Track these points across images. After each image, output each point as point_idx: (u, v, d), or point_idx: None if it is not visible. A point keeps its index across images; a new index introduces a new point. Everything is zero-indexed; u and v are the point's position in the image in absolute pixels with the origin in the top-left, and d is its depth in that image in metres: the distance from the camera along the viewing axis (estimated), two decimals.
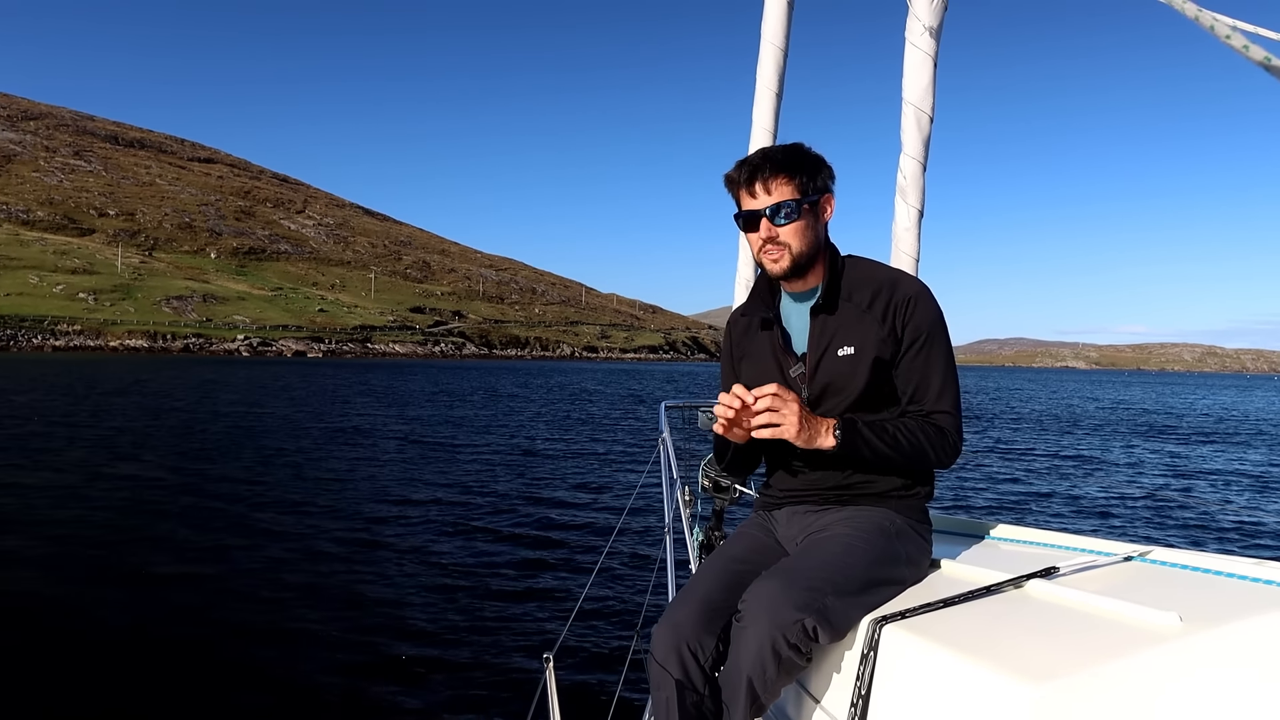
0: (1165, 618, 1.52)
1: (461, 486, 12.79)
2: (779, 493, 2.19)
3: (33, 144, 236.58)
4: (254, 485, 12.46)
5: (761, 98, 3.61)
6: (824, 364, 2.03)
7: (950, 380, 2.05)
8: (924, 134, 3.10)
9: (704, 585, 1.96)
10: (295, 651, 5.82)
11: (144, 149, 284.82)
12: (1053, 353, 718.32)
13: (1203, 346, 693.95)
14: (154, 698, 5.06)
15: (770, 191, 2.02)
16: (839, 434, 1.92)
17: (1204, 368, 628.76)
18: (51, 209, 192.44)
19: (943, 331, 2.05)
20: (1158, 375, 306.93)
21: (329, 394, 36.71)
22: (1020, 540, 2.32)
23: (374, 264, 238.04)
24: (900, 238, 3.15)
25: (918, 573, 1.99)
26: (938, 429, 2.01)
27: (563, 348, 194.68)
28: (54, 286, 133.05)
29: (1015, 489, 13.43)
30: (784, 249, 2.03)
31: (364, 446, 17.80)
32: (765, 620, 1.71)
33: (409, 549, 8.70)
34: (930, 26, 3.02)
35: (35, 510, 10.22)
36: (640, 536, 9.21)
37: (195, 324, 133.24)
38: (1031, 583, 1.80)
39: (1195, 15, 1.69)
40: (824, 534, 2.01)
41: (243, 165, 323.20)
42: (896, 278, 2.09)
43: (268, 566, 7.93)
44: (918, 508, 2.09)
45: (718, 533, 3.33)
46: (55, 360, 73.62)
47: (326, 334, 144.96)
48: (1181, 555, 1.98)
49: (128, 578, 7.42)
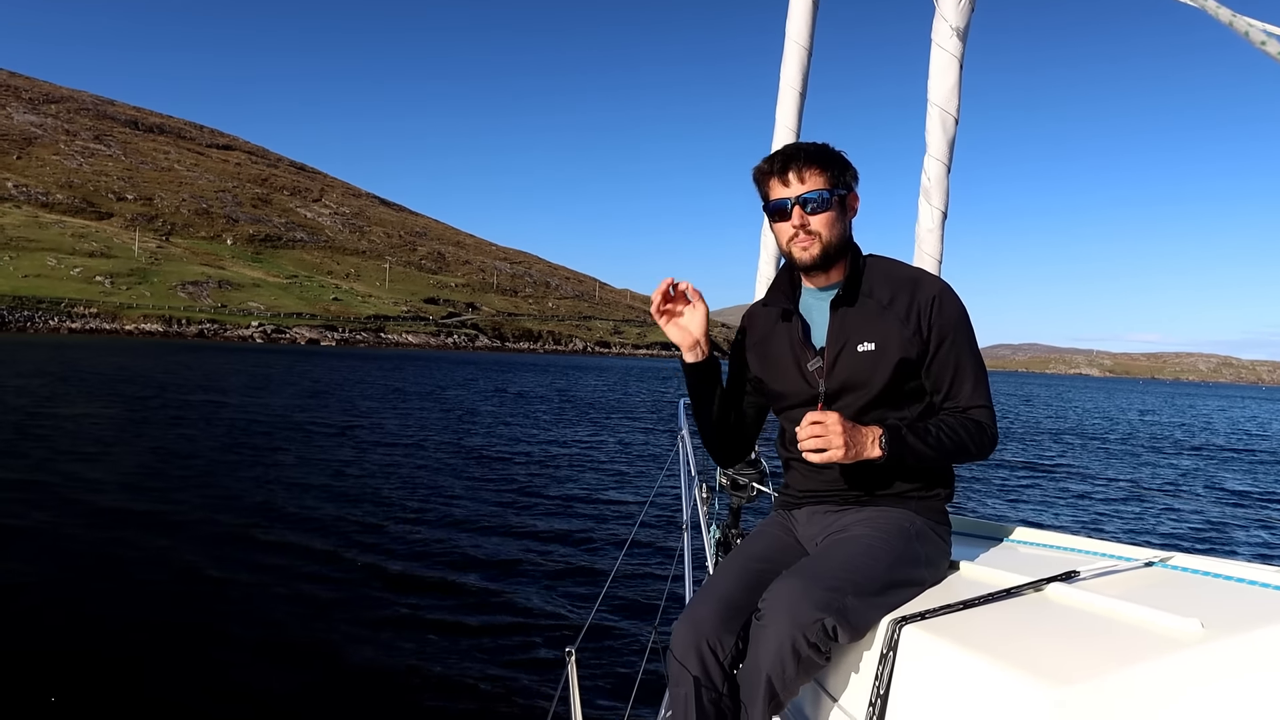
0: (1186, 624, 1.52)
1: (481, 482, 12.82)
2: (798, 492, 2.19)
3: (54, 127, 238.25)
4: (285, 479, 12.54)
5: (785, 96, 3.61)
6: (842, 359, 2.04)
7: (981, 374, 2.07)
8: (949, 136, 3.08)
9: (724, 583, 1.97)
10: (319, 641, 5.86)
11: (163, 134, 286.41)
12: (1066, 359, 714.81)
13: (1218, 357, 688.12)
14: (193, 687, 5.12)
15: (804, 180, 2.04)
16: (885, 445, 1.93)
17: (1219, 378, 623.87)
18: (71, 192, 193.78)
19: (968, 326, 2.07)
20: (1173, 385, 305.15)
21: (352, 387, 36.83)
22: (1040, 543, 2.32)
23: (389, 254, 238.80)
24: (923, 239, 3.14)
25: (937, 574, 1.99)
26: (976, 424, 2.02)
27: (575, 342, 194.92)
28: (71, 269, 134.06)
29: (1035, 491, 13.38)
30: (815, 237, 2.05)
31: (382, 441, 17.89)
32: (785, 619, 1.71)
33: (430, 543, 8.73)
34: (957, 28, 3.00)
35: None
36: (658, 533, 9.25)
37: (210, 309, 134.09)
38: (1051, 586, 1.80)
39: (1230, 20, 1.67)
40: (844, 534, 2.01)
41: (261, 153, 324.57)
42: (918, 276, 2.10)
43: (292, 558, 7.98)
44: (938, 509, 2.09)
45: (734, 530, 3.34)
46: (72, 343, 74.09)
47: (340, 323, 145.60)
48: (1203, 561, 1.97)
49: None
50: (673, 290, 2.15)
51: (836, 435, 1.87)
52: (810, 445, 1.89)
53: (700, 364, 2.19)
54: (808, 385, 2.09)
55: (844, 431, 1.88)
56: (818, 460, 1.91)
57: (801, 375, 2.10)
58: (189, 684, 5.08)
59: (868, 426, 1.95)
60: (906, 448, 1.94)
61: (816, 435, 1.89)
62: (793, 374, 2.12)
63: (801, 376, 2.10)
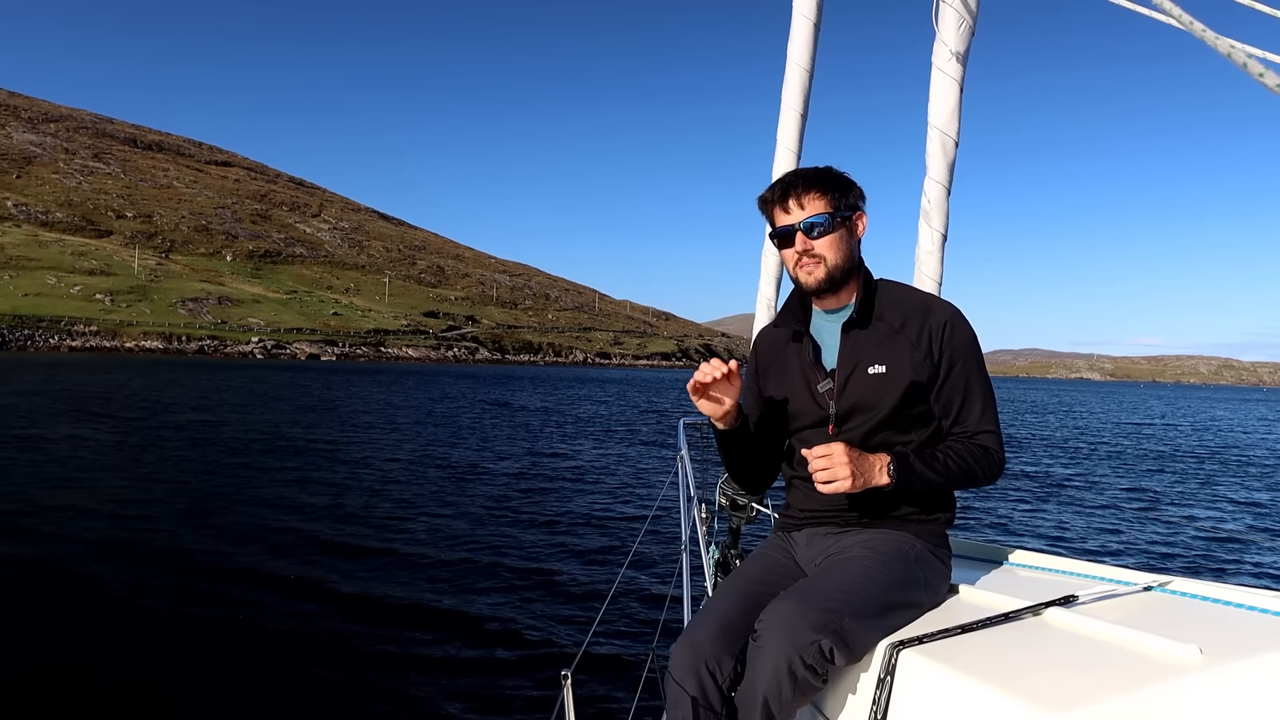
0: (1185, 650, 1.51)
1: (477, 499, 12.78)
2: (799, 514, 2.21)
3: (53, 146, 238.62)
4: (272, 500, 12.52)
5: (786, 118, 3.63)
6: (853, 381, 2.05)
7: (990, 399, 2.09)
8: (949, 158, 3.11)
9: (723, 605, 1.97)
10: (309, 660, 5.83)
11: (162, 152, 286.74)
12: (1067, 364, 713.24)
13: (1219, 359, 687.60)
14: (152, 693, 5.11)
15: (804, 206, 2.07)
16: (894, 472, 1.94)
17: (1220, 380, 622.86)
18: (70, 210, 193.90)
19: (978, 352, 2.09)
20: (1174, 388, 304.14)
21: (348, 403, 36.77)
22: (1039, 567, 2.32)
23: (388, 268, 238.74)
24: (923, 261, 3.16)
25: (936, 597, 2.00)
26: (983, 449, 2.04)
27: (575, 354, 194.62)
28: (71, 287, 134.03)
29: (1035, 514, 13.31)
30: (819, 261, 2.07)
31: (377, 456, 17.86)
32: (782, 640, 1.72)
33: (425, 561, 8.69)
34: (957, 52, 3.03)
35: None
36: (657, 553, 9.19)
37: (210, 326, 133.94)
38: (1050, 610, 1.80)
39: (1228, 52, 1.71)
40: (843, 556, 2.02)
41: (259, 169, 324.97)
42: (929, 302, 2.12)
43: (280, 571, 7.96)
44: (938, 532, 2.10)
45: (734, 551, 3.34)
46: (72, 361, 74.04)
47: (340, 337, 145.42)
48: (1202, 586, 1.97)
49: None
50: (719, 374, 2.00)
51: (843, 466, 1.89)
52: (820, 478, 1.91)
53: (733, 430, 2.14)
54: (818, 407, 2.10)
55: (850, 461, 1.89)
56: (828, 491, 1.92)
57: (812, 396, 2.11)
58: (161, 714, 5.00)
59: (876, 454, 1.96)
60: (915, 475, 1.96)
61: (823, 468, 1.91)
62: (803, 395, 2.13)
63: (812, 398, 2.11)
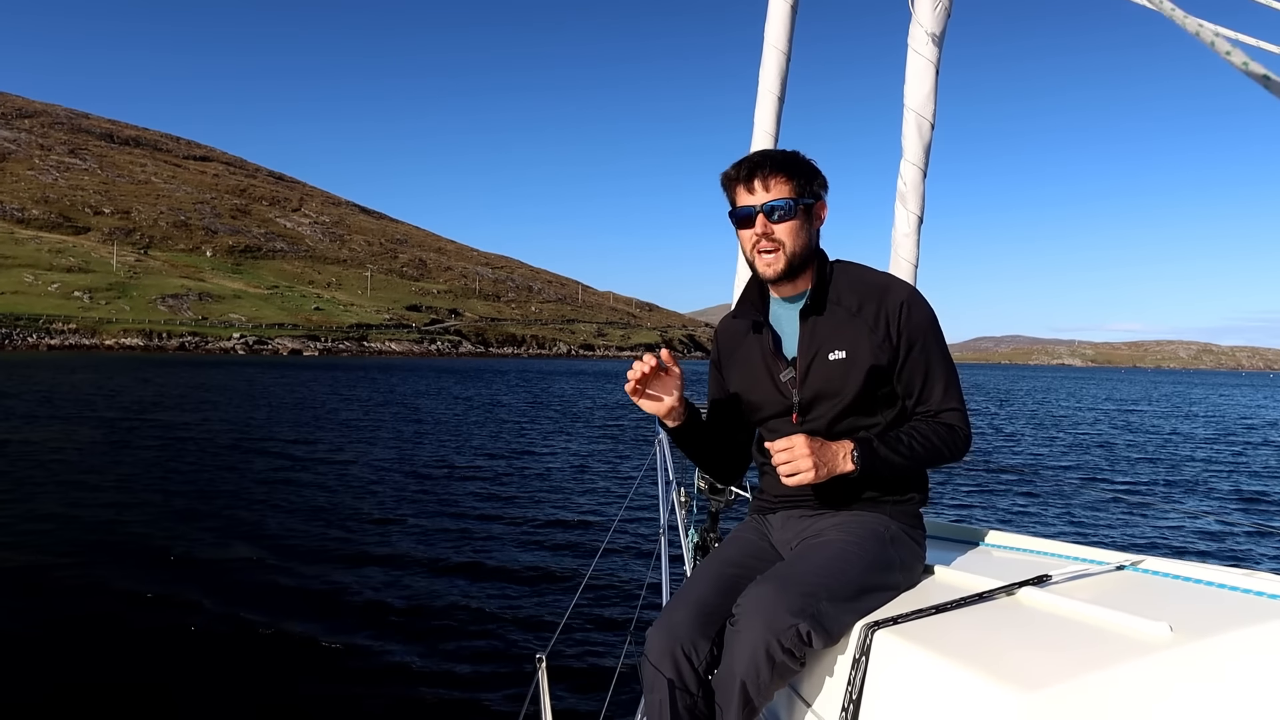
0: (1156, 628, 1.53)
1: (455, 491, 12.76)
2: (773, 497, 2.20)
3: (28, 142, 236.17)
4: (248, 496, 12.45)
5: (763, 101, 3.59)
6: (814, 368, 2.04)
7: (952, 377, 2.08)
8: (925, 140, 3.09)
9: (699, 588, 1.97)
10: (285, 654, 5.82)
11: (139, 147, 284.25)
12: (1048, 350, 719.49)
13: (1198, 344, 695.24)
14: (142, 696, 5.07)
15: (769, 188, 2.04)
16: (857, 459, 1.94)
17: (1199, 365, 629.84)
18: (46, 207, 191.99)
19: (938, 330, 2.08)
20: (1154, 373, 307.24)
21: (326, 400, 36.61)
22: (1013, 547, 2.33)
23: (370, 262, 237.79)
24: (899, 244, 3.14)
25: (911, 578, 2.00)
26: (948, 427, 2.04)
27: (559, 346, 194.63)
28: (49, 285, 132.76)
29: (1009, 495, 13.43)
30: (778, 247, 2.04)
31: (354, 448, 17.80)
32: (759, 624, 1.72)
33: (399, 550, 8.69)
34: (933, 33, 3.01)
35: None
36: (635, 537, 9.21)
37: (191, 322, 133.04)
38: (1024, 590, 1.81)
39: (1196, 30, 1.70)
40: (819, 539, 2.02)
41: (238, 163, 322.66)
42: (886, 283, 2.10)
43: (251, 569, 7.92)
44: (912, 513, 2.09)
45: (713, 534, 3.33)
46: (50, 360, 73.30)
47: (322, 332, 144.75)
48: (1173, 565, 1.99)
49: None
50: (648, 368, 2.02)
51: (804, 458, 1.89)
52: (784, 471, 1.91)
53: (682, 425, 2.14)
54: (781, 396, 2.09)
55: (812, 453, 1.90)
56: (792, 484, 1.92)
57: (775, 386, 2.10)
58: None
59: (839, 441, 1.96)
60: (879, 459, 1.96)
61: (786, 460, 1.91)
62: (766, 385, 2.12)
63: (775, 388, 2.10)
